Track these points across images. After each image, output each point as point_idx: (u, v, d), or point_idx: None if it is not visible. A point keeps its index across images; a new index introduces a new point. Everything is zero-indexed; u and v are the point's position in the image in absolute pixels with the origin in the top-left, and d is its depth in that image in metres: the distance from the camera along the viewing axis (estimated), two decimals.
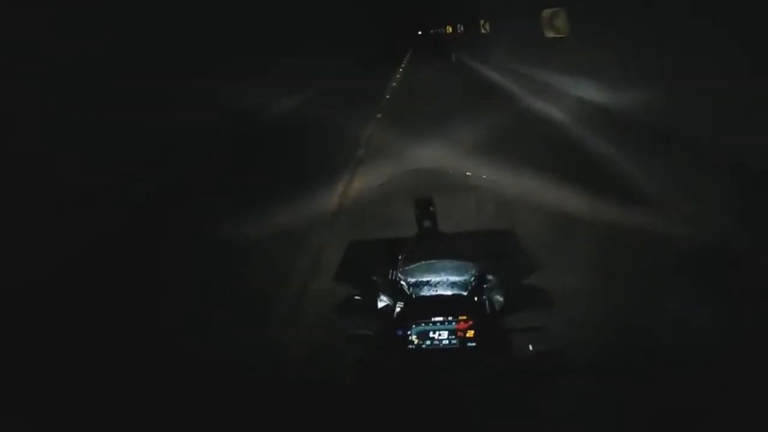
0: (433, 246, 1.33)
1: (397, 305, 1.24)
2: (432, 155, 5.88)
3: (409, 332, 1.16)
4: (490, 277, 1.25)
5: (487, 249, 1.34)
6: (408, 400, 1.10)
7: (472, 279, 1.25)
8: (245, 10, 10.22)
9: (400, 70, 20.70)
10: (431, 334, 1.16)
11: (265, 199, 5.16)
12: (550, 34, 8.56)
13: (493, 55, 15.58)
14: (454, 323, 1.15)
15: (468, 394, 1.09)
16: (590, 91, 7.34)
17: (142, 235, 4.63)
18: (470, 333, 1.15)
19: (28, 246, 4.17)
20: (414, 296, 1.25)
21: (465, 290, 1.24)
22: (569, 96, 8.11)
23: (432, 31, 41.61)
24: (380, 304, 1.25)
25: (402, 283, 1.26)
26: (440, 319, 1.16)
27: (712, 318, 2.56)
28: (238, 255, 3.96)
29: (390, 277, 1.28)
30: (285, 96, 11.59)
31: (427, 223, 1.42)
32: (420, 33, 44.90)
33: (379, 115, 9.88)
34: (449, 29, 24.46)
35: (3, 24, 4.73)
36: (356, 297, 1.30)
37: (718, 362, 2.14)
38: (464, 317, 1.16)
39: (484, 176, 3.32)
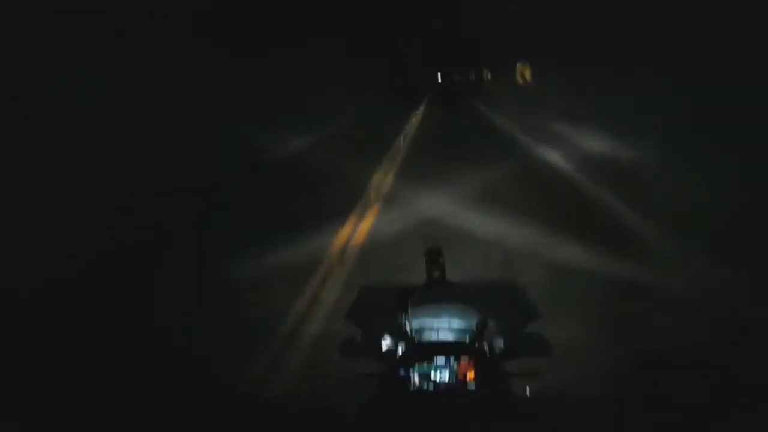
0: (440, 293, 1.38)
1: (400, 347, 1.28)
2: None
3: (411, 372, 1.19)
4: (491, 323, 1.29)
5: (491, 297, 1.39)
6: None
7: (475, 325, 1.28)
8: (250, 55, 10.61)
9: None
10: (432, 376, 1.19)
11: (266, 237, 5.25)
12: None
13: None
14: (455, 365, 1.19)
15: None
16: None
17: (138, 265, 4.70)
18: (471, 375, 1.18)
19: (29, 258, 4.25)
20: (417, 339, 1.29)
21: (467, 335, 1.28)
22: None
23: (455, 77, 40.02)
24: (384, 346, 1.30)
25: (406, 326, 1.30)
26: (442, 361, 1.19)
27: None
28: (236, 291, 4.02)
29: (396, 320, 1.32)
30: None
31: (436, 273, 1.48)
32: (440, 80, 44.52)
33: None
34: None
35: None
36: (361, 338, 1.34)
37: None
38: (465, 360, 1.19)
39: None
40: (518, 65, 11.81)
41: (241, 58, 10.08)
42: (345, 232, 5.51)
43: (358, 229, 5.61)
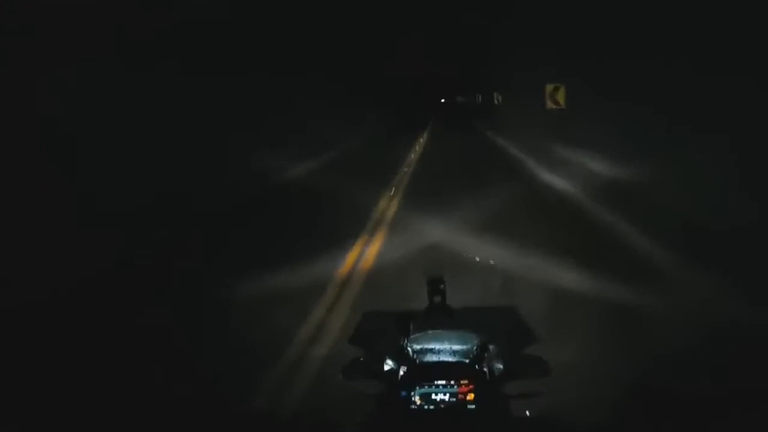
0: (441, 318, 1.43)
1: (402, 369, 1.32)
2: None
3: (412, 393, 1.21)
4: (491, 346, 1.32)
5: (491, 322, 1.43)
6: None
7: (475, 348, 1.31)
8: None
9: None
10: (433, 396, 1.21)
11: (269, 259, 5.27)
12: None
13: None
14: (455, 387, 1.21)
15: None
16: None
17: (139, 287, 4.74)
18: (470, 396, 1.20)
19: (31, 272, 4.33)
20: (418, 362, 1.33)
21: (467, 358, 1.30)
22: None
23: (459, 98, 41.91)
24: (386, 368, 1.33)
25: (408, 349, 1.33)
26: (443, 382, 1.22)
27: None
28: (242, 314, 4.03)
29: (399, 343, 1.35)
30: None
31: (437, 299, 1.52)
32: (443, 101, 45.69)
33: None
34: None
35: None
36: (363, 359, 1.38)
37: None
38: (465, 382, 1.22)
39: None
40: (548, 87, 10.04)
41: (248, 85, 10.30)
42: (351, 256, 5.54)
43: (365, 254, 5.64)
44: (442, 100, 45.85)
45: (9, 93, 4.72)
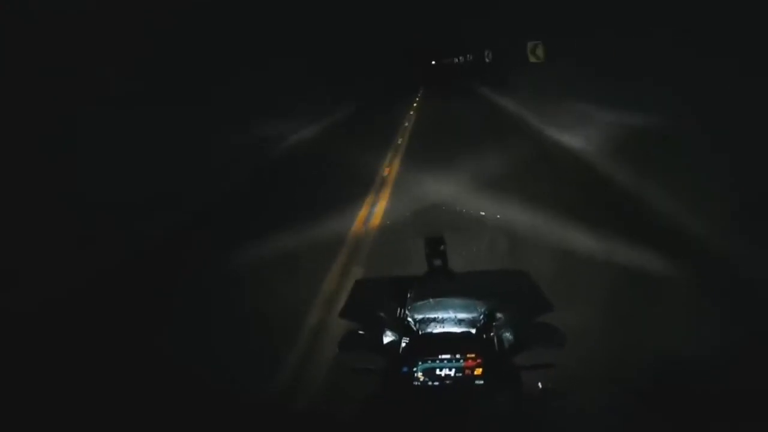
0: (442, 284, 1.32)
1: (403, 341, 1.22)
2: None
3: (414, 369, 1.13)
4: (499, 315, 1.23)
5: (498, 288, 1.32)
6: None
7: (481, 317, 1.22)
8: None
9: None
10: (437, 372, 1.13)
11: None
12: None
13: None
14: (461, 361, 1.13)
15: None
16: None
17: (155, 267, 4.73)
18: (478, 371, 1.12)
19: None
20: (421, 333, 1.23)
21: (473, 328, 1.22)
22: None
23: (455, 60, 41.40)
24: (386, 340, 1.23)
25: (409, 319, 1.24)
26: (447, 356, 1.13)
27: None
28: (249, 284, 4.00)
29: (397, 314, 1.25)
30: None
31: (437, 262, 1.40)
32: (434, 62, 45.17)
33: None
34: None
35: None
36: (361, 332, 1.27)
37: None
38: (472, 355, 1.13)
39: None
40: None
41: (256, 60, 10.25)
42: (359, 218, 5.46)
43: (371, 216, 5.54)
44: (433, 62, 44.93)
45: (7, 93, 4.63)
